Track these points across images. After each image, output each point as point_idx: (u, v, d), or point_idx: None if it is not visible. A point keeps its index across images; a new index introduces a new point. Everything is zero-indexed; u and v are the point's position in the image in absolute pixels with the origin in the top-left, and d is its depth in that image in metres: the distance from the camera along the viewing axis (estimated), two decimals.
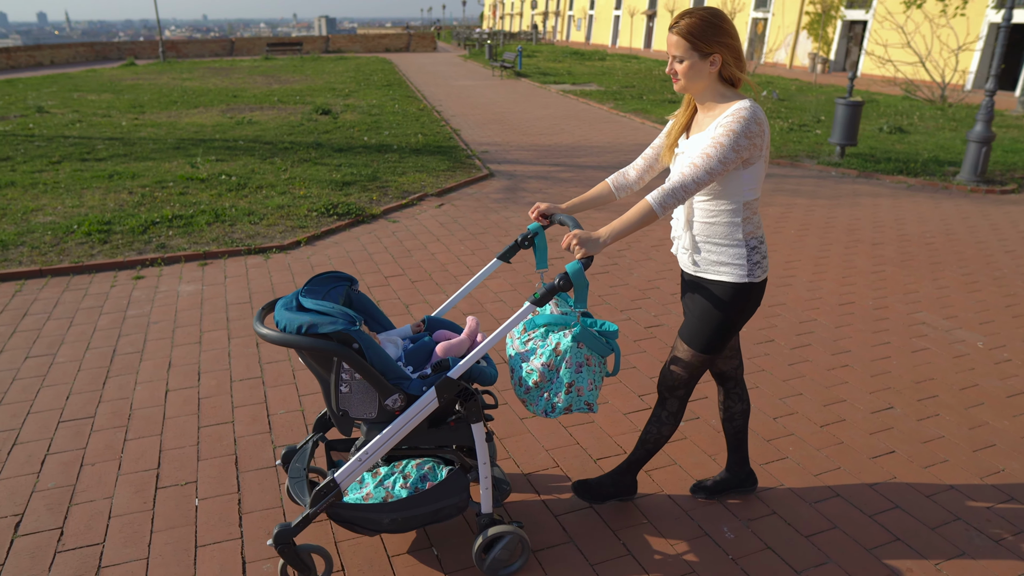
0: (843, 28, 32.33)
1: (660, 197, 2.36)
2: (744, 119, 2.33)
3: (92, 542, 2.92)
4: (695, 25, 2.36)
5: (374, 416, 2.44)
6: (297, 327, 2.28)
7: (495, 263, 2.90)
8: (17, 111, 15.10)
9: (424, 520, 2.58)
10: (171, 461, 3.46)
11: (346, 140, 11.79)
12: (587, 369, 2.56)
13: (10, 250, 6.34)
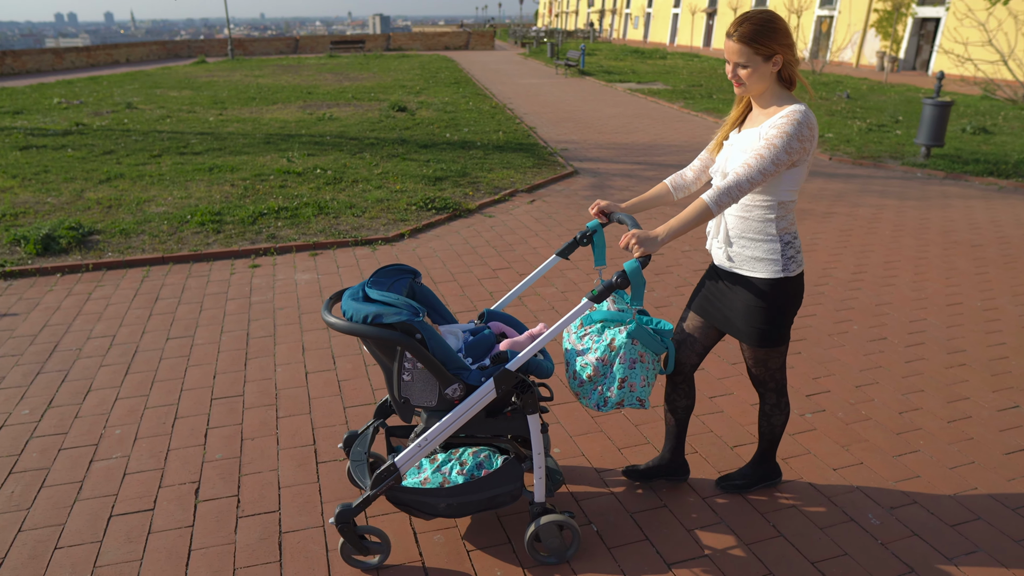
0: (914, 25, 31.49)
1: (716, 196, 2.41)
2: (797, 122, 2.39)
3: (268, 509, 3.12)
4: (755, 29, 2.40)
5: (434, 404, 2.52)
6: (363, 317, 2.37)
7: (554, 259, 2.99)
8: (108, 107, 15.72)
9: (479, 506, 2.67)
10: (326, 438, 3.65)
11: (428, 137, 12.01)
12: (640, 366, 2.62)
13: (132, 238, 6.68)
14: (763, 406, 3.01)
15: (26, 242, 6.36)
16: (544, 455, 2.67)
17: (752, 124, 2.58)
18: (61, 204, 7.81)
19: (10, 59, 26.91)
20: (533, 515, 2.71)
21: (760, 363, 2.83)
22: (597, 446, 3.60)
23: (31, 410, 3.93)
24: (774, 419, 3.01)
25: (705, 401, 4.06)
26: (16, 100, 17.10)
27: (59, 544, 2.92)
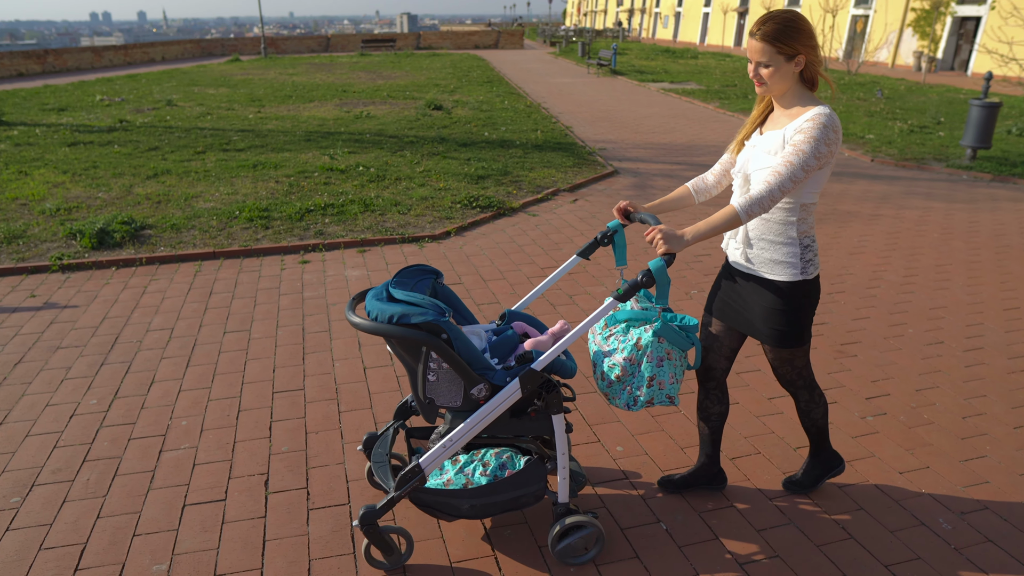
0: (953, 25, 30.98)
1: (747, 205, 2.39)
2: (824, 126, 2.37)
3: (338, 502, 3.15)
4: (778, 29, 2.39)
5: (459, 405, 2.52)
6: (388, 316, 2.36)
7: (574, 259, 2.96)
8: (149, 104, 15.97)
9: (502, 507, 2.67)
10: None
11: (467, 135, 12.06)
12: (668, 363, 2.61)
13: (183, 233, 6.79)
14: (798, 404, 3.00)
15: (82, 236, 6.48)
16: (568, 455, 2.65)
17: (774, 125, 2.57)
18: (112, 199, 7.95)
19: (52, 57, 27.43)
20: (557, 515, 2.71)
21: (785, 363, 2.83)
22: (659, 445, 3.60)
23: (98, 400, 4.01)
24: (813, 414, 3.01)
25: (764, 402, 4.03)
26: (60, 97, 17.43)
27: (137, 531, 2.99)
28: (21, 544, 2.91)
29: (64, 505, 3.15)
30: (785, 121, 2.51)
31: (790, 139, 2.44)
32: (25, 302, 5.39)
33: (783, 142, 2.46)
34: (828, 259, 6.47)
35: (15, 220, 7.18)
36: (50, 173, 9.12)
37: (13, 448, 3.57)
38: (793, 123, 2.46)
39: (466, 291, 5.61)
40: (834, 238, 7.11)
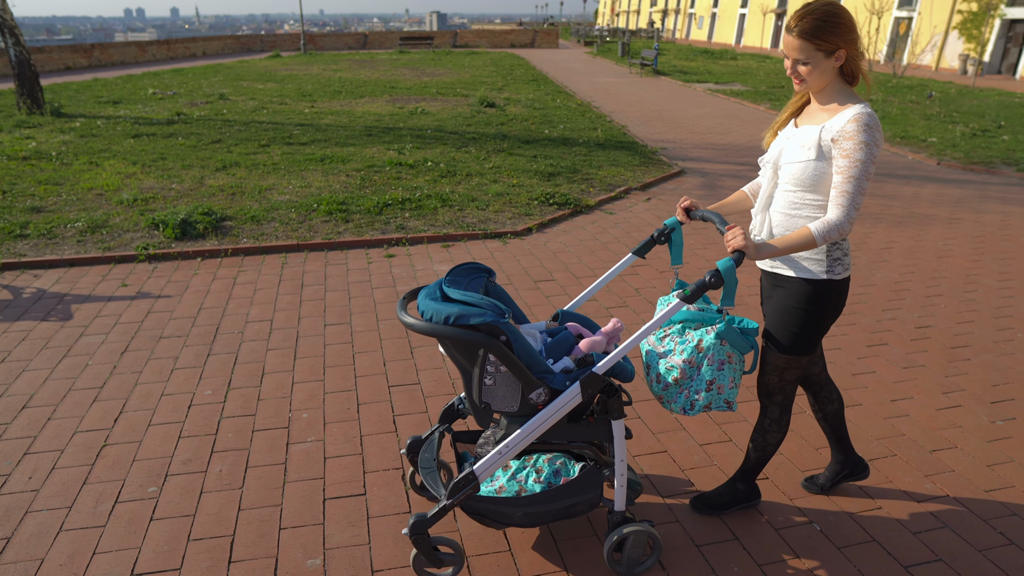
0: (1002, 27, 30.37)
1: (825, 231, 2.30)
2: (868, 126, 2.26)
3: None
4: (817, 23, 2.27)
5: (515, 409, 2.40)
6: (444, 317, 2.25)
7: (630, 257, 2.89)
8: (201, 98, 16.08)
9: (556, 515, 2.56)
10: None
11: (527, 133, 11.98)
12: (728, 367, 2.51)
13: (263, 225, 6.77)
14: (762, 420, 2.81)
15: (165, 226, 6.49)
16: (625, 462, 2.57)
17: (810, 119, 2.46)
18: (185, 190, 7.97)
19: (98, 51, 27.79)
20: (613, 524, 2.61)
21: (776, 371, 2.67)
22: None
23: (213, 391, 3.98)
24: (770, 436, 2.82)
25: (886, 404, 3.90)
26: (112, 90, 17.61)
27: (283, 525, 2.93)
28: (169, 534, 2.87)
29: (203, 496, 3.11)
30: (823, 117, 2.41)
31: (829, 141, 2.33)
32: (118, 291, 5.39)
33: (819, 139, 2.35)
34: (918, 262, 6.31)
35: (95, 210, 7.22)
36: (120, 164, 9.17)
37: (138, 437, 3.54)
38: (831, 122, 2.35)
39: (560, 287, 5.52)
40: (918, 241, 6.93)
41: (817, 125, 2.39)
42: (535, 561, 2.75)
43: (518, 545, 2.83)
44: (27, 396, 3.93)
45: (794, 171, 2.41)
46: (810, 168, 2.37)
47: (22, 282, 5.57)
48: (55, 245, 6.25)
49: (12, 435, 3.57)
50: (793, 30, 2.31)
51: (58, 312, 5.01)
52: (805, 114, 2.51)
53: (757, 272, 5.79)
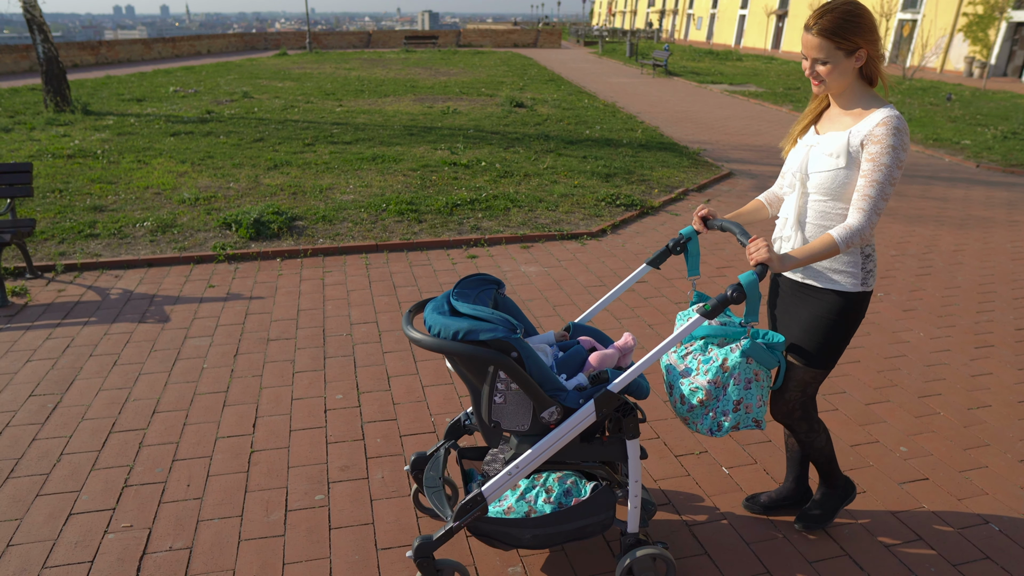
0: (1008, 30, 30.57)
1: (847, 236, 2.24)
2: (897, 130, 2.19)
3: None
4: (837, 22, 2.20)
5: (526, 428, 2.30)
6: (453, 333, 2.14)
7: (644, 268, 2.79)
8: (224, 96, 15.94)
9: (567, 537, 2.47)
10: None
11: (567, 133, 11.93)
12: (756, 385, 2.41)
13: (336, 225, 6.69)
14: (798, 436, 2.75)
15: (238, 226, 6.40)
16: (640, 483, 2.48)
17: (833, 124, 2.38)
18: (243, 189, 7.88)
19: (105, 48, 27.54)
20: (626, 547, 2.51)
21: (800, 387, 2.60)
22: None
23: (344, 395, 3.91)
24: (817, 443, 2.76)
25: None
26: (130, 88, 17.44)
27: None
28: (355, 544, 2.80)
29: (374, 504, 3.04)
30: (848, 121, 2.33)
31: (858, 146, 2.26)
32: (207, 292, 5.30)
33: (847, 145, 2.27)
34: (994, 264, 6.30)
35: (157, 209, 7.12)
36: (169, 163, 9.06)
37: (284, 443, 3.47)
38: (858, 126, 2.27)
39: (654, 288, 5.47)
40: (985, 243, 6.94)
41: (843, 131, 2.32)
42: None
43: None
44: (153, 400, 3.84)
45: (822, 180, 2.33)
46: (840, 176, 2.30)
47: (104, 283, 5.47)
48: (128, 245, 6.16)
49: (153, 441, 3.49)
50: (812, 28, 2.24)
51: (153, 314, 4.92)
52: (826, 119, 2.44)
53: None
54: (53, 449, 3.41)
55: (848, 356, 4.55)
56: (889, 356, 4.58)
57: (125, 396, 3.89)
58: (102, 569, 2.68)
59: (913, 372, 4.38)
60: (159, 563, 2.71)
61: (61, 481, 3.19)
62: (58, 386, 3.98)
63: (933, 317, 5.19)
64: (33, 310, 4.97)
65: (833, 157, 2.30)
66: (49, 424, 3.62)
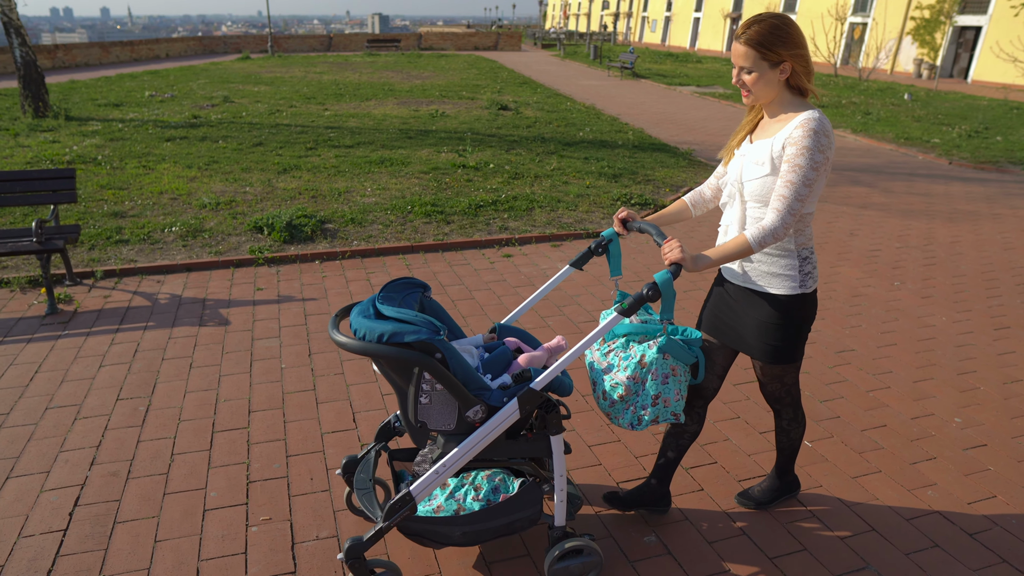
0: (953, 33, 31.84)
1: (760, 236, 2.32)
2: (815, 132, 2.25)
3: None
4: (764, 33, 2.27)
5: (452, 428, 2.35)
6: (378, 335, 2.19)
7: (567, 270, 2.85)
8: (203, 100, 15.77)
9: (496, 533, 2.52)
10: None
11: (561, 135, 12.16)
12: (673, 379, 2.49)
13: (366, 227, 6.80)
14: (780, 422, 2.91)
15: (271, 229, 6.46)
16: (565, 477, 2.54)
17: (763, 134, 2.45)
18: (260, 194, 7.91)
19: (62, 52, 26.86)
20: (553, 540, 2.58)
21: (775, 379, 2.73)
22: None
23: None
24: (793, 433, 2.93)
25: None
26: (102, 93, 17.11)
27: None
28: None
29: None
30: (775, 128, 2.40)
31: (780, 151, 2.33)
32: (257, 295, 5.37)
33: (771, 151, 2.35)
34: (990, 254, 6.71)
35: (179, 213, 7.12)
36: (175, 168, 9.02)
37: None
38: (782, 131, 2.34)
39: (704, 278, 5.72)
40: (977, 235, 7.36)
41: (769, 139, 2.38)
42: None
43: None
44: (245, 400, 3.93)
45: (754, 188, 2.41)
46: (768, 183, 2.37)
47: (148, 288, 5.50)
48: (161, 250, 6.17)
49: (260, 439, 3.58)
50: (741, 37, 2.30)
51: (211, 317, 4.98)
52: (759, 129, 2.50)
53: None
54: (163, 450, 3.49)
55: (885, 340, 4.86)
56: (922, 339, 4.89)
57: (214, 397, 3.96)
58: (258, 560, 2.79)
59: (947, 352, 4.70)
60: (312, 551, 2.84)
61: (183, 480, 3.27)
62: (142, 389, 4.03)
63: (949, 303, 5.54)
64: (86, 316, 4.99)
65: (760, 165, 2.37)
66: (148, 426, 3.69)
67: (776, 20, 2.27)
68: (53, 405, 3.86)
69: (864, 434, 3.75)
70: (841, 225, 7.57)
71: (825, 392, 4.16)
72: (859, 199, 8.74)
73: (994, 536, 3.01)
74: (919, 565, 2.85)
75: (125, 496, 3.15)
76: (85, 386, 4.06)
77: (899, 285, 5.88)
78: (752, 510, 3.13)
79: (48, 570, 2.73)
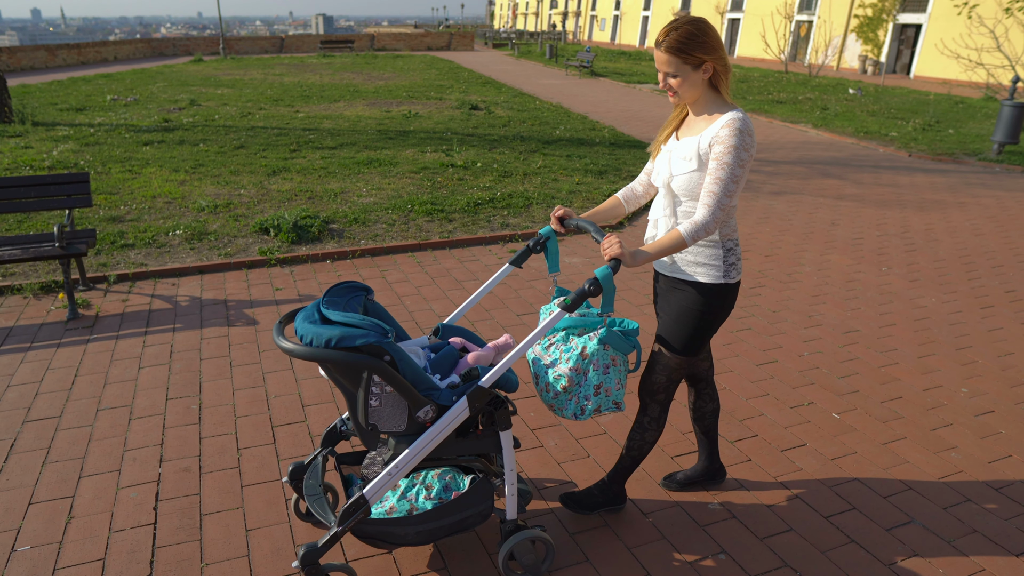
0: (895, 31, 33.06)
1: (693, 231, 2.42)
2: (740, 131, 2.37)
3: None
4: (682, 39, 2.37)
5: (403, 429, 2.39)
6: (326, 340, 2.20)
7: (507, 268, 2.91)
8: (167, 104, 15.54)
9: (450, 530, 2.57)
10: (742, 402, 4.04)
11: (538, 133, 12.37)
12: (613, 369, 2.57)
13: (370, 227, 6.90)
14: (643, 418, 2.88)
15: (277, 231, 6.52)
16: (515, 471, 2.60)
17: (689, 131, 2.56)
18: (255, 196, 7.93)
19: (6, 56, 26.00)
20: (506, 533, 2.63)
21: (667, 371, 2.76)
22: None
23: None
24: (648, 434, 2.89)
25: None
26: (59, 97, 16.72)
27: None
28: None
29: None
30: (700, 126, 2.50)
31: (707, 148, 2.44)
32: (278, 295, 5.45)
33: (698, 148, 2.46)
34: (963, 239, 7.14)
35: (179, 217, 7.12)
36: (161, 172, 8.95)
37: None
38: (708, 130, 2.45)
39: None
40: (947, 222, 7.81)
41: (696, 136, 2.49)
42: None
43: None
44: (295, 395, 4.03)
45: (681, 182, 2.50)
46: (695, 178, 2.47)
47: (164, 291, 5.53)
48: (169, 253, 6.19)
49: (319, 430, 3.69)
50: (661, 45, 2.40)
51: (238, 317, 5.05)
52: (685, 126, 2.60)
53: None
54: (228, 445, 3.58)
55: (885, 320, 5.19)
56: (917, 319, 5.24)
57: (263, 394, 4.05)
58: (353, 543, 2.92)
59: (942, 330, 5.05)
60: None
61: (256, 472, 3.37)
62: (189, 389, 4.10)
63: (935, 286, 5.91)
64: (109, 320, 5.01)
65: (687, 160, 2.48)
66: (206, 424, 3.77)
67: (692, 26, 2.37)
68: (103, 407, 3.91)
69: (884, 405, 4.04)
70: (822, 216, 7.94)
71: (841, 369, 4.45)
72: (833, 191, 9.15)
73: (1017, 490, 3.32)
74: (957, 517, 3.14)
75: (204, 490, 3.24)
76: (130, 387, 4.11)
77: (887, 270, 6.23)
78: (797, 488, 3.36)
79: (150, 561, 2.82)
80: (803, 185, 9.39)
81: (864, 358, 4.61)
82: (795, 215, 7.91)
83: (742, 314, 5.25)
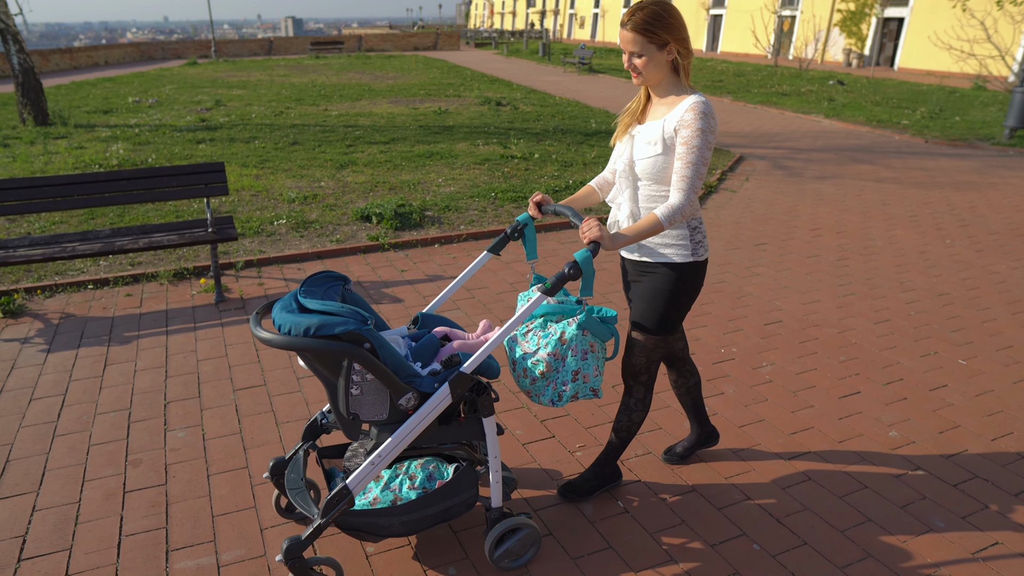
0: (878, 25, 33.95)
1: (669, 214, 2.45)
2: (704, 114, 2.42)
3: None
4: (648, 18, 2.40)
5: (385, 417, 2.36)
6: (304, 329, 2.17)
7: (485, 256, 2.91)
8: (191, 105, 15.71)
9: (434, 520, 2.55)
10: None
11: (575, 126, 12.82)
12: (592, 356, 2.58)
13: (463, 213, 7.28)
14: (628, 400, 2.92)
15: (380, 218, 6.87)
16: (499, 459, 2.60)
17: (653, 115, 2.60)
18: (336, 188, 8.25)
19: (0, 61, 25.89)
20: (491, 521, 2.63)
21: (644, 352, 2.79)
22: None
23: None
24: (635, 415, 2.93)
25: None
26: (79, 100, 16.81)
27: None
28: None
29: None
30: (663, 111, 2.54)
31: (672, 132, 2.48)
32: (405, 275, 5.80)
33: (662, 132, 2.50)
34: (1003, 215, 7.67)
35: (274, 208, 7.42)
36: (231, 168, 9.23)
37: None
38: (672, 113, 2.49)
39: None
40: (987, 200, 8.34)
41: (659, 120, 2.52)
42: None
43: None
44: None
45: (645, 166, 2.53)
46: (659, 162, 2.51)
47: (292, 275, 5.85)
48: (281, 241, 6.51)
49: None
50: (627, 24, 2.42)
51: (382, 296, 5.39)
52: (648, 111, 2.64)
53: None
54: None
55: (968, 284, 5.67)
56: (996, 283, 5.73)
57: None
58: None
59: (1019, 296, 5.54)
60: None
61: None
62: None
63: (1000, 255, 6.41)
64: (256, 302, 5.32)
65: (652, 144, 2.51)
66: None
67: (657, 7, 2.42)
68: (302, 375, 4.24)
69: (1000, 353, 4.50)
70: (871, 197, 8.44)
71: (950, 324, 4.92)
72: (870, 174, 9.67)
73: (1021, 467, 3.40)
74: (968, 494, 3.20)
75: None
76: None
77: (951, 243, 6.73)
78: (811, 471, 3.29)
79: None
80: (840, 170, 9.90)
81: (964, 315, 5.08)
82: (846, 196, 8.40)
83: (841, 282, 5.71)
